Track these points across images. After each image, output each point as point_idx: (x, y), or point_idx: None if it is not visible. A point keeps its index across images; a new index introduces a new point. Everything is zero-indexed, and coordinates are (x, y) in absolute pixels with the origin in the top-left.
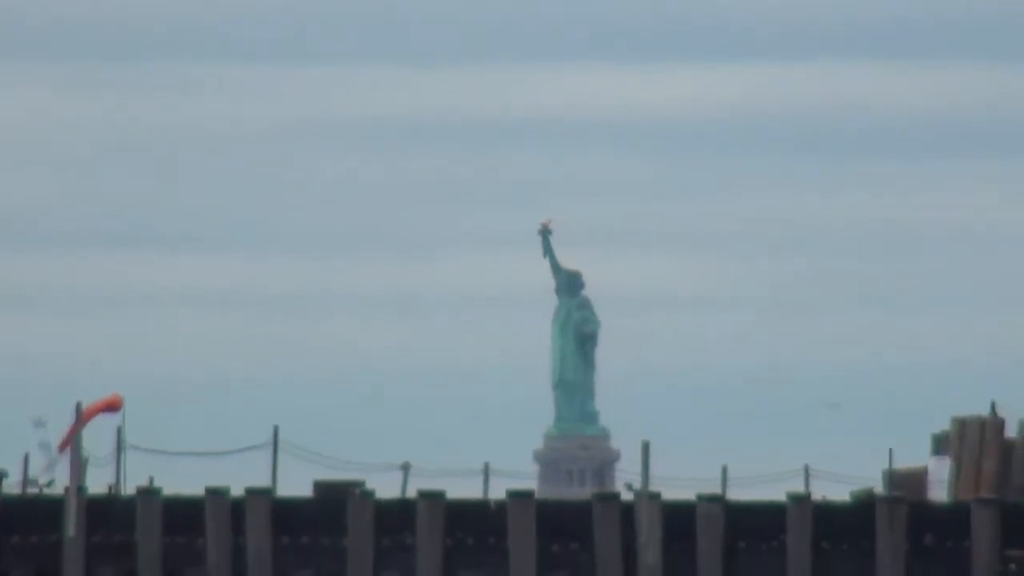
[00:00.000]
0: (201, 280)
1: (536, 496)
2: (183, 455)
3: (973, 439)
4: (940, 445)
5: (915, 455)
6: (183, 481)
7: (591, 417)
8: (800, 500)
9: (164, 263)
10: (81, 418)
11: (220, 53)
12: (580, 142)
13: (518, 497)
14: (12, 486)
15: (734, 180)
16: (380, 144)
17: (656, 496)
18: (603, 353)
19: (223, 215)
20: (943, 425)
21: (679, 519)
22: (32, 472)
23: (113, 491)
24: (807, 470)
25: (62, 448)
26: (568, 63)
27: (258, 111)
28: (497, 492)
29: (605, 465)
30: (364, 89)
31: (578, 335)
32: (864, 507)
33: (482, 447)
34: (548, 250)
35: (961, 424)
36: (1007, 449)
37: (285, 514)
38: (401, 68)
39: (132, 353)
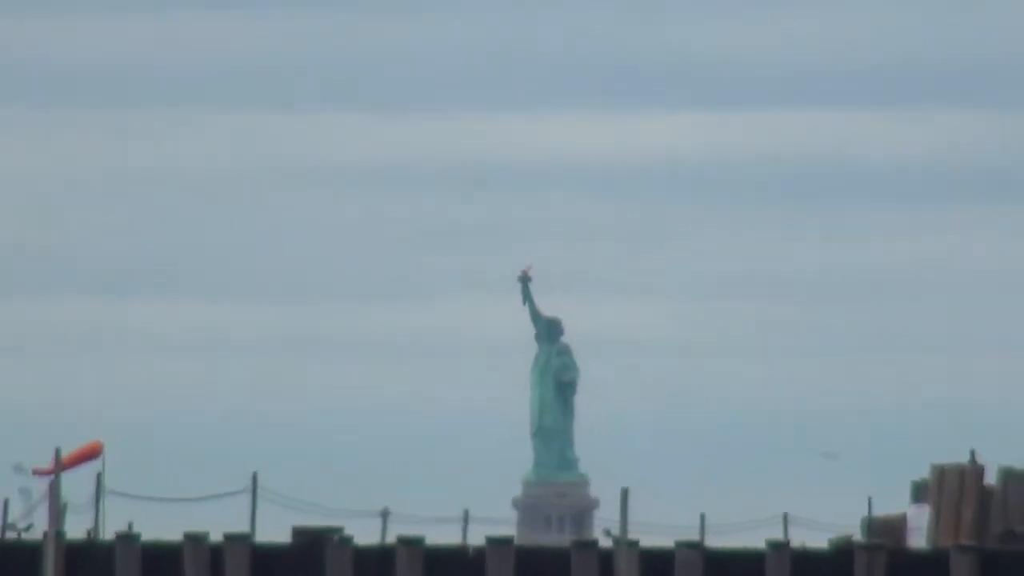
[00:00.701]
0: (180, 326)
1: (515, 542)
2: (162, 500)
3: (952, 486)
4: (920, 492)
5: (895, 502)
6: (162, 526)
7: (570, 464)
8: (779, 547)
9: (144, 309)
10: (61, 464)
11: (199, 100)
12: (560, 188)
13: (497, 544)
14: None
15: (715, 226)
16: (358, 190)
17: (635, 543)
18: (582, 399)
19: (200, 261)
20: (923, 472)
21: (658, 566)
22: (11, 517)
23: (92, 536)
24: (786, 517)
25: (35, 473)
26: (552, 109)
27: (235, 157)
28: (476, 538)
29: (584, 512)
30: (340, 135)
31: (557, 382)
32: (843, 554)
33: (461, 493)
34: (528, 297)
35: (941, 471)
36: (986, 496)
37: (264, 560)
38: (376, 114)
39: (111, 398)
